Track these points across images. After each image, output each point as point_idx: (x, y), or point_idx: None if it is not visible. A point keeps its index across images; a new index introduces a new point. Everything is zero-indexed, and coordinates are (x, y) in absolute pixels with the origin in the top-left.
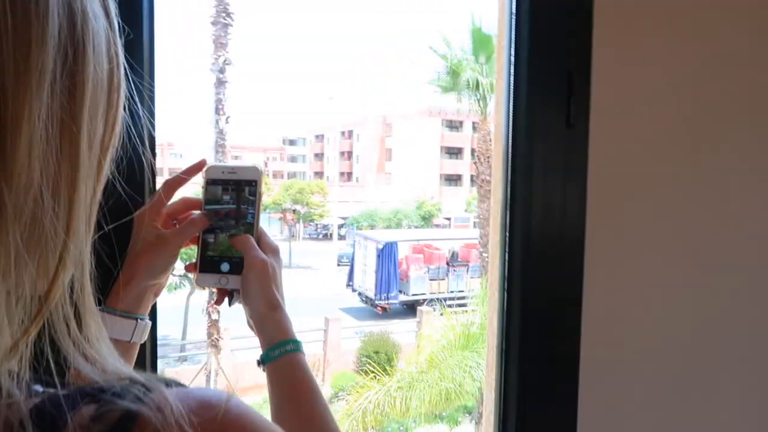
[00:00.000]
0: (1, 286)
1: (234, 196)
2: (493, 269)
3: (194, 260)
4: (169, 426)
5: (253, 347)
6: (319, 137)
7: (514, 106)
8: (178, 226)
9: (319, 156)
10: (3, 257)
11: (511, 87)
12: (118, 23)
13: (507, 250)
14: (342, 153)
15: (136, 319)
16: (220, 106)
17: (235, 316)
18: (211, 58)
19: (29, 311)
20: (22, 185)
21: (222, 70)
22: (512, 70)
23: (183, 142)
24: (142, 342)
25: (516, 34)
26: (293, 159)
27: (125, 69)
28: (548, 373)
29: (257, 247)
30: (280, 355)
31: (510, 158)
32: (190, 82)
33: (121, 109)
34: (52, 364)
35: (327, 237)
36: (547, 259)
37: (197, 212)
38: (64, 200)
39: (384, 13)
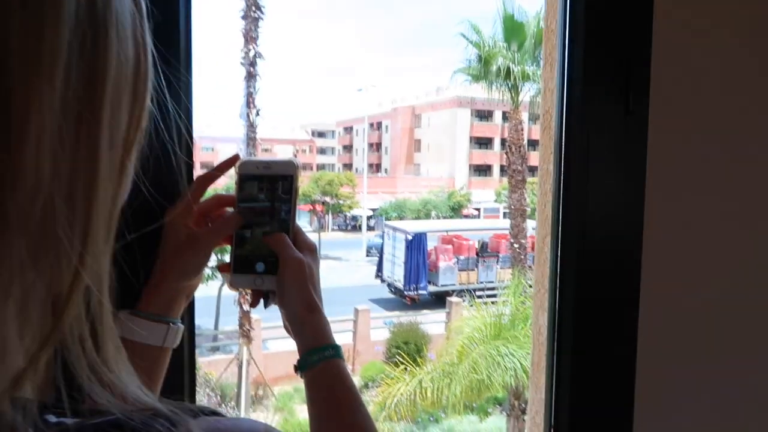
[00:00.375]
0: (4, 307)
1: (269, 193)
2: (540, 263)
3: (227, 260)
4: None
5: (285, 337)
6: (348, 129)
7: (569, 94)
8: (211, 225)
9: (348, 148)
10: (5, 273)
11: (566, 75)
12: (147, 5)
13: (559, 244)
14: (371, 145)
15: (169, 323)
16: (251, 100)
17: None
18: (242, 51)
19: (38, 334)
20: (29, 188)
21: (252, 64)
22: (566, 57)
23: (213, 136)
24: (175, 346)
25: (571, 19)
26: (322, 151)
27: (154, 56)
28: (603, 374)
29: (293, 245)
30: (319, 361)
31: (563, 148)
32: (220, 75)
33: (148, 101)
34: (63, 392)
35: (356, 228)
36: (602, 254)
37: (231, 210)
38: (81, 206)
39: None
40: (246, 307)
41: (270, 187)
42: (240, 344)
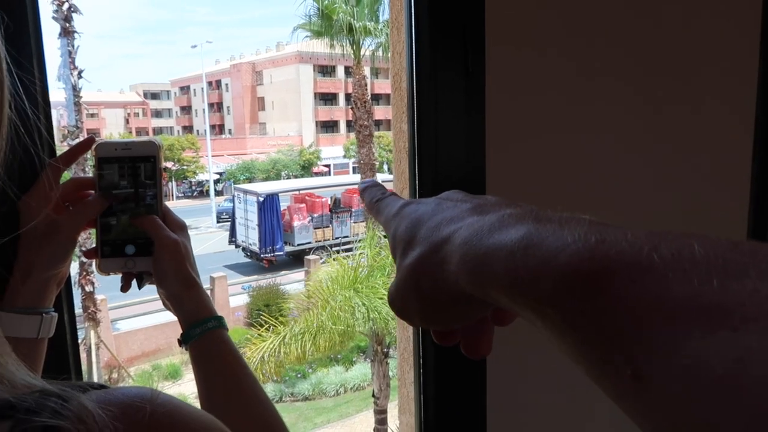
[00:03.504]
0: None
1: (131, 176)
2: None
3: (95, 246)
4: None
5: (136, 315)
6: (185, 89)
7: (417, 60)
8: (72, 210)
9: (186, 109)
10: None
11: (413, 42)
12: None
13: (417, 195)
14: (211, 105)
15: (41, 314)
16: (70, 60)
17: (111, 286)
18: (53, 5)
19: None
20: None
21: (68, 19)
22: (413, 26)
23: None
24: (50, 336)
25: None
26: (158, 114)
27: (8, 63)
28: None
29: (165, 226)
30: (202, 333)
31: (415, 108)
32: None
33: (6, 108)
34: None
35: (203, 194)
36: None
37: (92, 193)
38: None
39: None
40: (88, 288)
41: (132, 171)
42: (86, 328)
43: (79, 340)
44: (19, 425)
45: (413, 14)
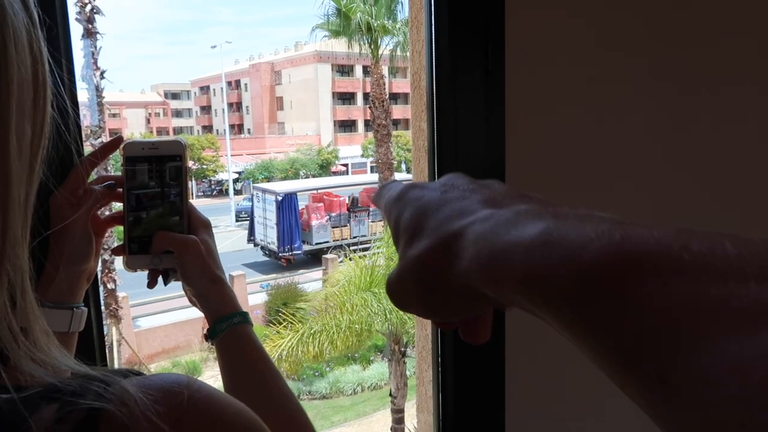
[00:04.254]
0: None
1: (157, 174)
2: None
3: (122, 243)
4: (136, 419)
5: (157, 312)
6: (205, 89)
7: (437, 59)
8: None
9: (206, 109)
10: None
11: (433, 41)
12: (39, 16)
13: None
14: (231, 104)
15: (72, 309)
16: (92, 60)
17: (133, 283)
18: (77, 6)
19: None
20: None
21: (90, 20)
22: (433, 25)
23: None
24: (80, 330)
25: None
26: (178, 114)
27: (50, 64)
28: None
29: (177, 234)
30: (228, 328)
31: (435, 107)
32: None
33: (49, 107)
34: (2, 371)
35: (222, 193)
36: None
37: (96, 188)
38: None
39: None
40: (110, 285)
41: (158, 169)
42: (108, 325)
43: None
44: (65, 407)
45: (433, 13)
